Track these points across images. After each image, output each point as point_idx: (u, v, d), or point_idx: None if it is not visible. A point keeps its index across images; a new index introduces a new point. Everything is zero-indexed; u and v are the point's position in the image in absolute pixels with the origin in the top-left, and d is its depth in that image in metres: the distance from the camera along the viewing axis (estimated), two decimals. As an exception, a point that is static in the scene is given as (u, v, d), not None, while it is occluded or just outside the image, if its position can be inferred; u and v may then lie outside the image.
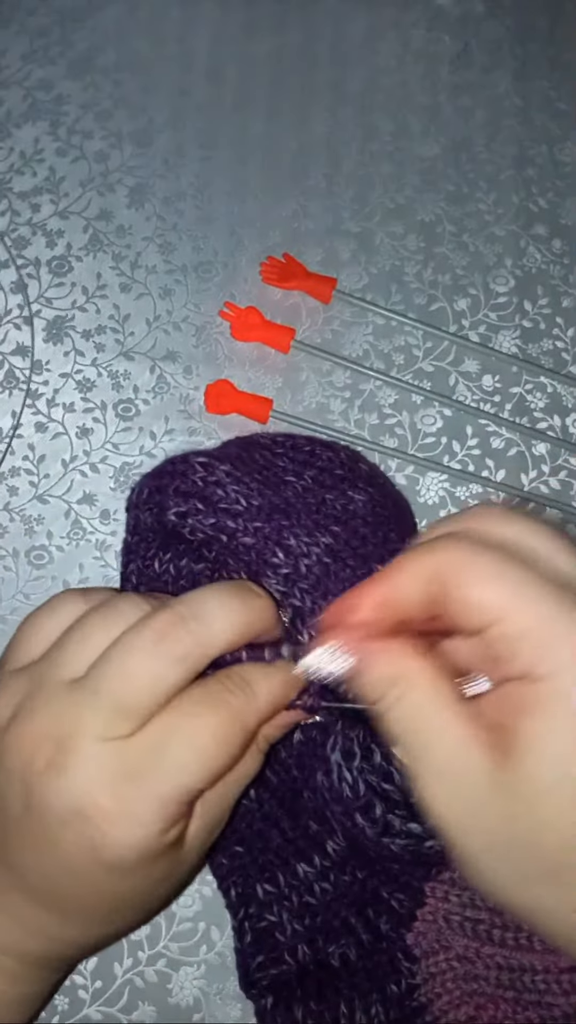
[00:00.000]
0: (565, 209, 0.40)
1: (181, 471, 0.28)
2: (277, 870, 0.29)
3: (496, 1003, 0.27)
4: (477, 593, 0.20)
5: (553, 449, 0.36)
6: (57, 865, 0.23)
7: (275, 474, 0.29)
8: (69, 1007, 0.30)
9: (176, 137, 0.40)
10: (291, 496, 0.29)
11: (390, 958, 0.28)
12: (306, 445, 0.31)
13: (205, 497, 0.27)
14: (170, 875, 0.25)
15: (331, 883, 0.29)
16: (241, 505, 0.27)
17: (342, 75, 0.42)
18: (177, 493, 0.28)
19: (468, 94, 0.41)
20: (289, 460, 0.30)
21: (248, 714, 0.23)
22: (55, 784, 0.22)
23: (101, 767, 0.22)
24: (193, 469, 0.28)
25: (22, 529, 0.35)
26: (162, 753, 0.22)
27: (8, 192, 0.39)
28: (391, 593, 0.22)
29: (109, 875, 0.23)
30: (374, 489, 0.30)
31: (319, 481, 0.30)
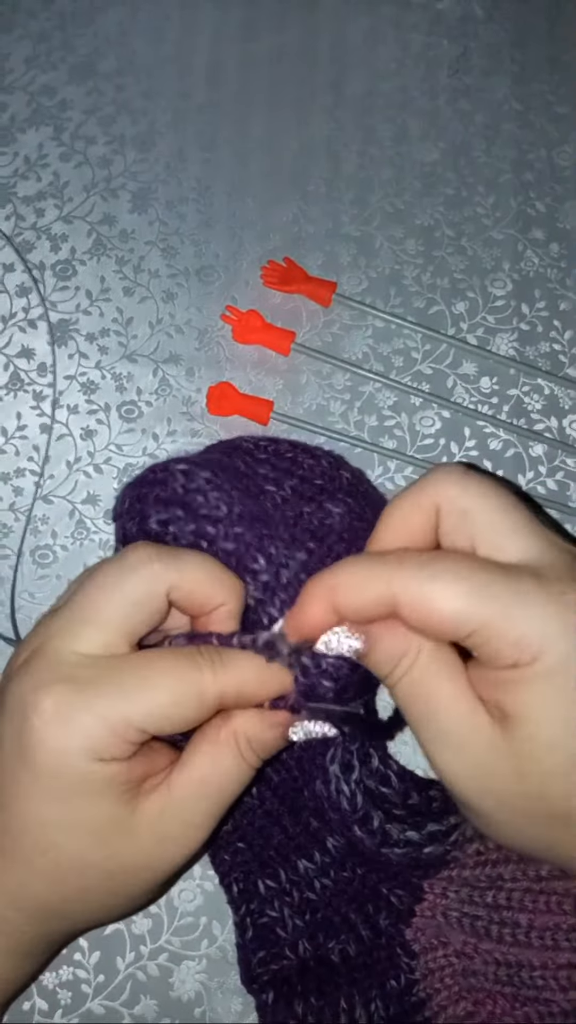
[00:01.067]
0: (563, 213, 0.40)
1: (161, 479, 0.28)
2: (278, 866, 0.29)
3: (494, 998, 0.27)
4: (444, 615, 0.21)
5: (550, 450, 0.37)
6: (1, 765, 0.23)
7: (255, 483, 0.29)
8: (71, 1001, 0.31)
9: (178, 141, 0.41)
10: (270, 507, 0.29)
11: (389, 954, 0.28)
12: (288, 451, 0.31)
13: (185, 503, 0.28)
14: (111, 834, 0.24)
15: (331, 879, 0.29)
16: (222, 511, 0.27)
17: (342, 79, 0.42)
18: (158, 501, 0.28)
19: (467, 98, 0.42)
20: (271, 467, 0.30)
21: (208, 681, 0.23)
22: (17, 680, 0.23)
23: (57, 670, 0.23)
24: (173, 477, 0.28)
25: (26, 529, 0.35)
26: (114, 675, 0.23)
27: (13, 196, 0.40)
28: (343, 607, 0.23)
29: (35, 786, 0.23)
30: (353, 500, 0.30)
31: (298, 492, 0.30)
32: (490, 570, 0.22)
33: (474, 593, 0.21)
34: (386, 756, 0.29)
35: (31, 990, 0.31)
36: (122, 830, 0.24)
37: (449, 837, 0.28)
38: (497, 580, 0.21)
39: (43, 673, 0.23)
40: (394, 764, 0.29)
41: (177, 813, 0.24)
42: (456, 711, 0.22)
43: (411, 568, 0.22)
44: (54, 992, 0.31)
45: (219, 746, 0.24)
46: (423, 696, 0.22)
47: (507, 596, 0.21)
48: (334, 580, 0.23)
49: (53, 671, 0.23)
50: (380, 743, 0.29)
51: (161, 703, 0.23)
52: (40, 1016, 0.30)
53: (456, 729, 0.22)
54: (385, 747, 0.30)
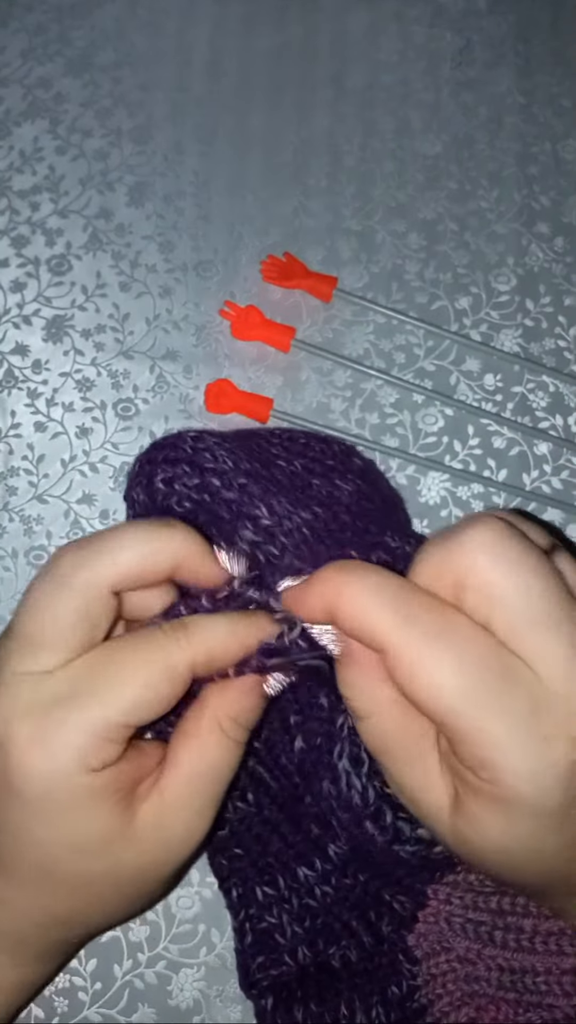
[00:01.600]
0: (568, 207, 0.39)
1: (171, 442, 0.28)
2: (277, 873, 0.29)
3: (497, 1005, 0.27)
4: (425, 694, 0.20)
5: (555, 448, 0.36)
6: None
7: (265, 457, 0.29)
8: (68, 1009, 0.30)
9: (176, 135, 0.40)
10: (279, 476, 0.28)
11: (391, 960, 0.28)
12: (301, 437, 0.31)
13: (193, 461, 0.27)
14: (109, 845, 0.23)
15: (332, 886, 0.29)
16: (228, 465, 0.27)
17: (343, 72, 0.41)
18: (166, 460, 0.27)
19: (470, 91, 0.41)
20: (283, 448, 0.30)
21: (176, 653, 0.23)
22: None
23: (19, 697, 0.22)
24: (183, 439, 0.28)
25: (21, 529, 0.35)
26: (80, 683, 0.22)
27: (7, 190, 0.39)
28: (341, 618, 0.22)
29: (25, 814, 0.22)
30: (363, 483, 0.30)
31: (308, 468, 0.30)
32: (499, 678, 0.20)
33: (468, 695, 0.20)
34: None
35: (27, 998, 0.30)
36: (123, 839, 0.23)
37: None
38: (502, 689, 0.20)
39: (4, 704, 0.22)
40: None
41: (175, 813, 0.24)
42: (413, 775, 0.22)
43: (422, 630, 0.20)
44: (51, 1000, 0.30)
45: (202, 736, 0.24)
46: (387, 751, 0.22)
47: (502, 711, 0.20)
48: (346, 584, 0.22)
49: (16, 698, 0.22)
50: None
51: (135, 692, 0.22)
52: (37, 1023, 0.30)
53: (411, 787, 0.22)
54: None
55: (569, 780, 0.20)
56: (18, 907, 0.24)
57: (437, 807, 0.22)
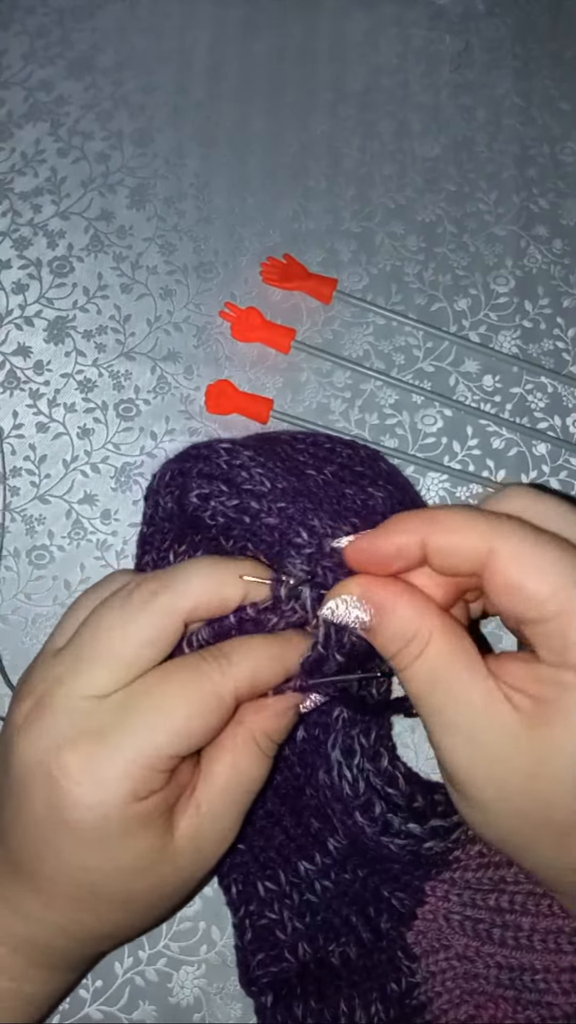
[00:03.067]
0: (566, 209, 0.40)
1: (205, 455, 0.28)
2: (278, 867, 0.29)
3: (496, 1002, 0.27)
4: (534, 585, 0.20)
5: (553, 449, 0.36)
6: (27, 829, 0.23)
7: (295, 466, 0.29)
8: (69, 1006, 0.30)
9: (177, 137, 0.40)
10: (313, 486, 0.29)
11: (390, 956, 0.28)
12: (326, 442, 0.31)
13: (229, 479, 0.27)
14: (154, 865, 0.24)
15: (332, 881, 0.29)
16: (266, 487, 0.27)
17: (342, 74, 0.42)
18: (201, 475, 0.28)
19: (469, 93, 0.41)
20: (310, 455, 0.30)
21: (222, 682, 0.23)
22: (27, 737, 0.23)
23: (71, 723, 0.23)
24: (217, 453, 0.28)
25: (23, 529, 0.35)
26: (131, 714, 0.23)
27: (9, 193, 0.39)
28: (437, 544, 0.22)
29: (76, 842, 0.23)
30: (394, 487, 0.30)
31: (339, 476, 0.30)
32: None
33: (571, 580, 0.20)
34: (394, 758, 0.29)
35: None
36: (162, 858, 0.24)
37: (451, 834, 0.27)
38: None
39: (58, 728, 0.23)
40: (402, 766, 0.29)
41: (210, 826, 0.24)
42: (474, 699, 0.21)
43: (523, 532, 0.21)
44: (51, 997, 0.30)
45: (238, 750, 0.24)
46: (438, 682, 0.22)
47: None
48: (435, 515, 0.22)
49: (68, 724, 0.23)
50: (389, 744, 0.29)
51: (183, 723, 0.23)
52: (37, 1022, 0.30)
53: (471, 717, 0.21)
54: (394, 749, 0.30)
55: None
56: (57, 925, 0.24)
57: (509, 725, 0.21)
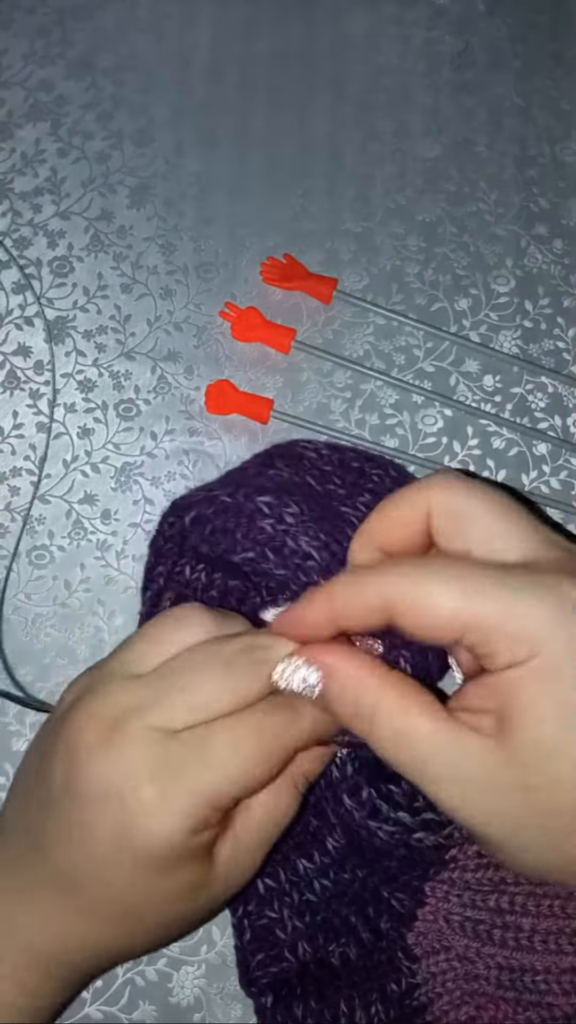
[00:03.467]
0: (566, 209, 0.40)
1: (248, 513, 0.28)
2: (278, 865, 0.29)
3: (496, 1003, 0.27)
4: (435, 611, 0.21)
5: (554, 449, 0.36)
6: (88, 850, 0.23)
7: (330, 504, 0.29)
8: (70, 1007, 0.30)
9: (177, 137, 0.40)
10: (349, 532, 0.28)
11: (390, 957, 0.28)
12: (354, 461, 0.31)
13: (277, 549, 0.27)
14: (194, 892, 0.24)
15: (331, 880, 0.29)
16: (314, 560, 0.27)
17: (343, 74, 0.42)
18: (247, 538, 0.27)
19: (469, 93, 0.41)
20: (340, 481, 0.30)
21: (290, 734, 0.24)
22: (99, 762, 0.23)
23: (147, 753, 0.23)
24: (261, 512, 0.28)
25: (23, 529, 0.35)
26: (206, 751, 0.23)
27: (9, 193, 0.39)
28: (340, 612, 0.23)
29: (135, 867, 0.23)
30: None
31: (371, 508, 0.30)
32: (485, 569, 0.21)
33: (469, 590, 0.21)
34: None
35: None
36: (203, 884, 0.24)
37: (443, 829, 0.27)
38: (491, 577, 0.21)
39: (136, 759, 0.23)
40: None
41: (244, 854, 0.25)
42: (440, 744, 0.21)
43: (407, 569, 0.22)
44: (51, 997, 0.30)
45: (279, 789, 0.25)
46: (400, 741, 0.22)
47: (502, 591, 0.21)
48: (331, 586, 0.23)
49: (146, 756, 0.23)
50: None
51: (252, 768, 0.23)
52: None
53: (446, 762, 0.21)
54: None
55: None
56: (88, 943, 0.25)
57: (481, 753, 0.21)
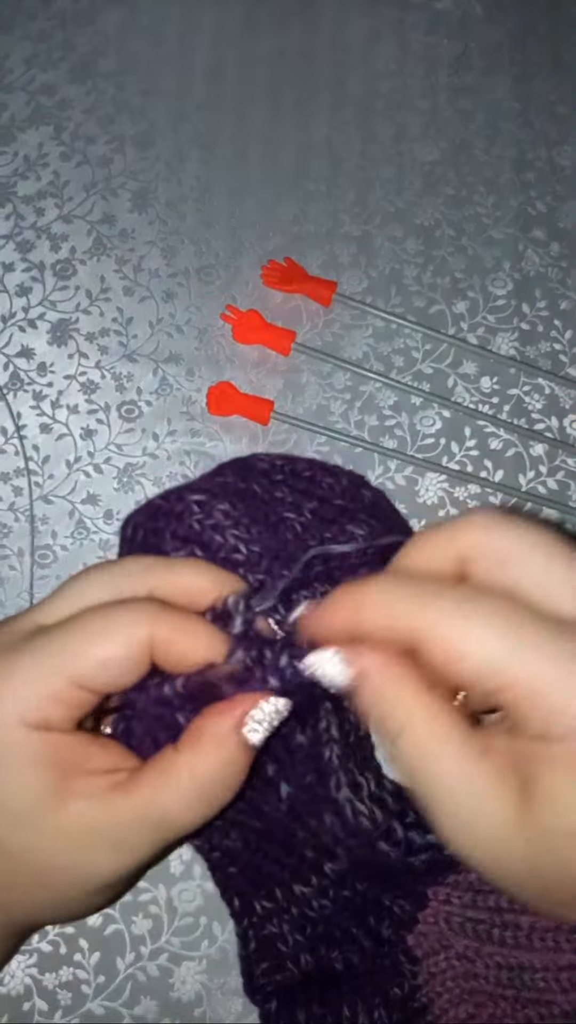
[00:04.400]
0: (563, 213, 0.40)
1: (177, 512, 0.27)
2: (274, 887, 0.28)
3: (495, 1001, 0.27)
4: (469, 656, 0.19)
5: (551, 450, 0.37)
6: None
7: (274, 510, 0.28)
8: (72, 1002, 0.31)
9: (177, 141, 0.41)
10: (290, 538, 0.28)
11: (392, 961, 0.28)
12: (306, 471, 0.30)
13: (204, 543, 0.27)
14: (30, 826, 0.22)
15: (330, 899, 0.28)
16: (241, 554, 0.26)
17: (342, 79, 0.42)
18: (175, 537, 0.27)
19: (467, 97, 0.42)
20: (288, 489, 0.29)
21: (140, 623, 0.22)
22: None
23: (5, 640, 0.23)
24: (190, 510, 0.27)
25: (27, 529, 0.35)
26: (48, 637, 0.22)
27: (13, 196, 0.40)
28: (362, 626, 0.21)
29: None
30: (376, 521, 0.30)
31: (318, 515, 0.29)
32: (536, 622, 0.19)
33: (513, 643, 0.19)
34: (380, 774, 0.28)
35: (31, 990, 0.31)
36: (44, 821, 0.22)
37: None
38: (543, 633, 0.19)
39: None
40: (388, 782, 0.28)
41: (105, 833, 0.22)
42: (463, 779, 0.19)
43: (449, 601, 0.20)
44: (54, 992, 0.31)
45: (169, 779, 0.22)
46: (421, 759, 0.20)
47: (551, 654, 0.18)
48: (363, 595, 0.21)
49: (2, 640, 0.23)
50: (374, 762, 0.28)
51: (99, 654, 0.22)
52: (40, 1016, 0.30)
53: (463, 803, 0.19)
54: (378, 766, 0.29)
55: None
56: None
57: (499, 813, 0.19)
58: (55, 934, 0.31)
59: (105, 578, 0.24)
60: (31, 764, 0.22)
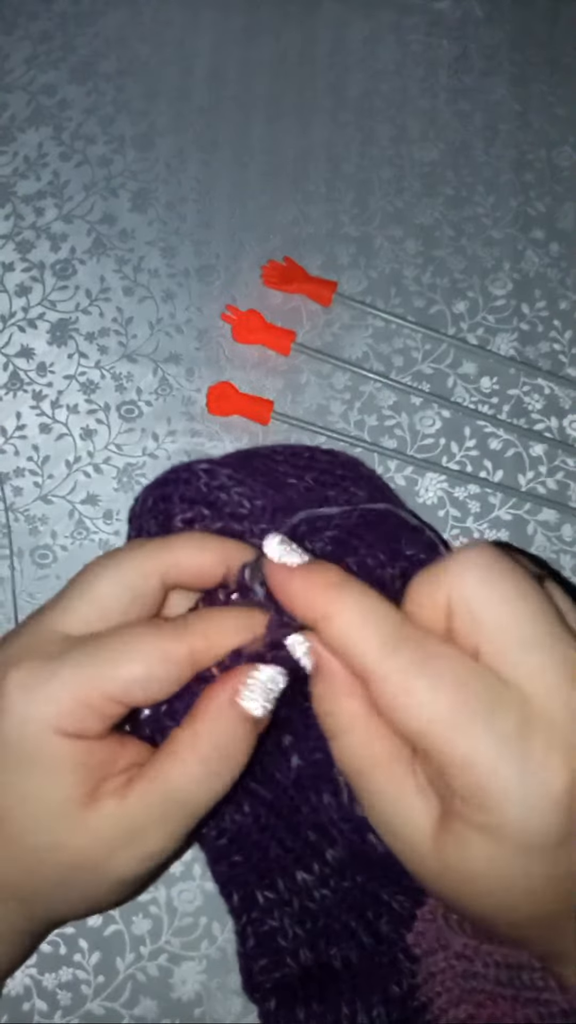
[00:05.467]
0: (563, 213, 0.40)
1: (185, 478, 0.28)
2: (277, 876, 0.29)
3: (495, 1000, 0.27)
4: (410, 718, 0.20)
5: (550, 450, 0.37)
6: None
7: (276, 478, 0.29)
8: (71, 1002, 0.30)
9: (178, 141, 0.41)
10: (294, 496, 0.29)
11: (391, 959, 0.28)
12: (305, 451, 0.32)
13: (211, 502, 0.28)
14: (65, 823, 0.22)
15: (331, 889, 0.28)
16: (245, 508, 0.27)
17: (342, 80, 0.42)
18: (183, 500, 0.28)
19: (467, 99, 0.42)
20: (289, 465, 0.30)
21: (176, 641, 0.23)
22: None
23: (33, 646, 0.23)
24: (196, 476, 0.28)
25: (26, 529, 0.35)
26: (82, 649, 0.23)
27: (13, 196, 0.40)
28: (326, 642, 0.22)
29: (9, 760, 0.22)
30: (376, 489, 0.31)
31: (320, 481, 0.30)
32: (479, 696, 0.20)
33: (454, 720, 0.19)
34: None
35: (31, 991, 0.31)
36: (72, 822, 0.22)
37: None
38: (480, 713, 0.19)
39: (18, 648, 0.23)
40: None
41: (130, 824, 0.23)
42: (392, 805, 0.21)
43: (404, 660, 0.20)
44: (54, 993, 0.31)
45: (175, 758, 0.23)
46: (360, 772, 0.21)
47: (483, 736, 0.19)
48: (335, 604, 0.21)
49: (29, 646, 0.23)
50: None
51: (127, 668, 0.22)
52: (40, 1016, 0.30)
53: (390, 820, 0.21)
54: None
55: (565, 807, 0.19)
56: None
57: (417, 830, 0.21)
58: (55, 934, 0.31)
59: (116, 575, 0.24)
60: (63, 771, 0.22)
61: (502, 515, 0.36)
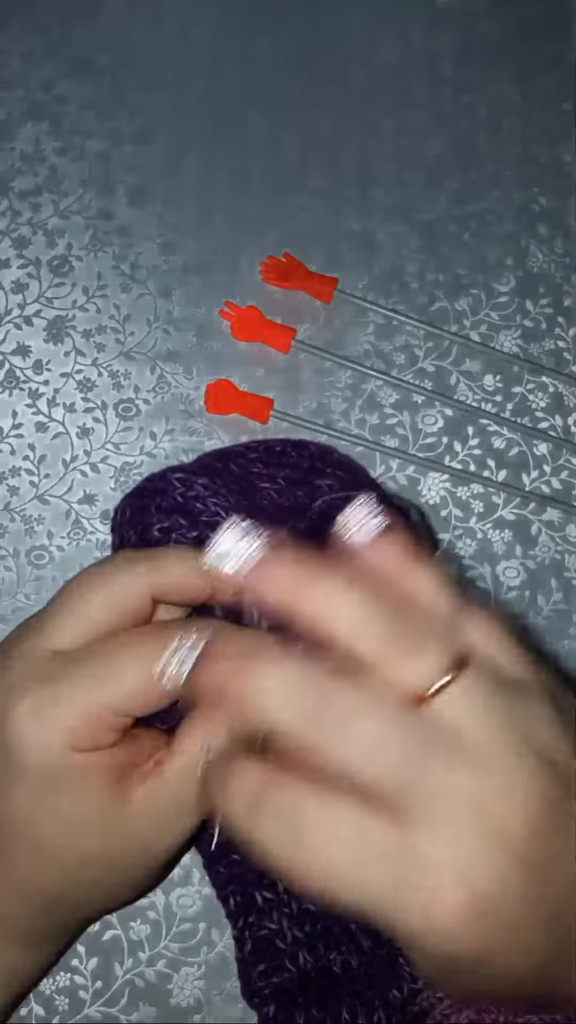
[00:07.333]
0: (567, 208, 0.39)
1: (160, 488, 0.29)
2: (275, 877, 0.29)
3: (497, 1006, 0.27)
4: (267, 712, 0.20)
5: (554, 449, 0.36)
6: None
7: (250, 482, 0.31)
8: (69, 1007, 0.30)
9: (176, 136, 0.40)
10: (266, 503, 0.30)
11: (392, 963, 0.28)
12: (276, 446, 0.32)
13: (186, 511, 0.29)
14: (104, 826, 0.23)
15: None
16: (220, 516, 0.28)
17: (343, 73, 0.41)
18: (159, 510, 0.29)
19: (470, 92, 0.41)
20: (263, 464, 0.32)
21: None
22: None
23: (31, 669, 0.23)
24: (172, 486, 0.29)
25: (22, 529, 0.35)
26: (84, 667, 0.23)
27: (9, 191, 0.39)
28: None
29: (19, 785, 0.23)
30: (344, 472, 0.32)
31: (290, 480, 0.31)
32: None
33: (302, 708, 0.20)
34: None
35: (28, 996, 0.30)
36: (115, 820, 0.24)
37: None
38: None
39: (18, 675, 0.23)
40: None
41: (170, 797, 0.24)
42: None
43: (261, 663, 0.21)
44: (51, 998, 0.30)
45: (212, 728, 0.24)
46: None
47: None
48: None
49: (28, 672, 0.23)
50: None
51: (132, 683, 0.23)
52: (37, 1021, 0.30)
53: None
54: None
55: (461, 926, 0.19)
56: (10, 886, 0.24)
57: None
58: (52, 939, 0.31)
59: (106, 595, 0.24)
60: (87, 783, 0.23)
61: (505, 515, 0.35)
